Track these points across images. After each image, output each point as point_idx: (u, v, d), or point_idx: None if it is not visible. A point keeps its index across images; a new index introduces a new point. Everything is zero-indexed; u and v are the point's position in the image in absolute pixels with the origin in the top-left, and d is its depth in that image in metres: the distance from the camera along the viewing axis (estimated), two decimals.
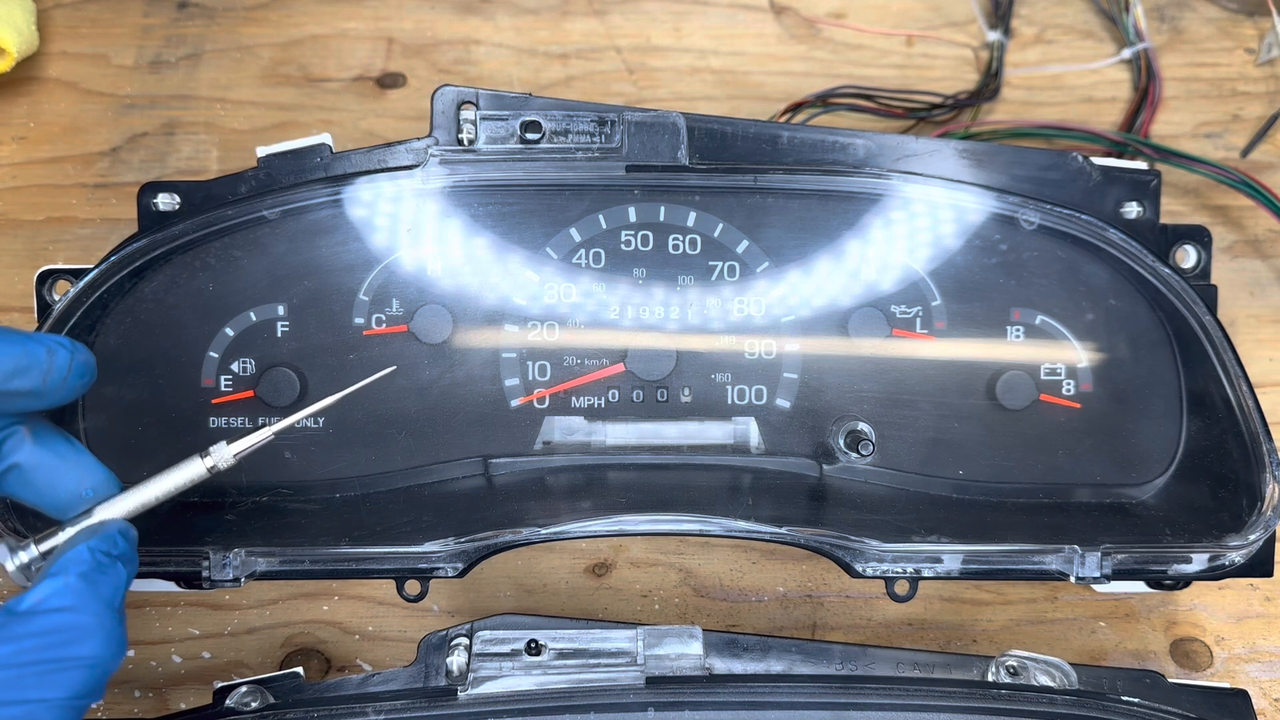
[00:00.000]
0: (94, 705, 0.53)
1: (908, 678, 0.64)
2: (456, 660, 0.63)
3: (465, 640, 0.64)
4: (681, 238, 0.75)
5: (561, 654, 0.63)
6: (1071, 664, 0.65)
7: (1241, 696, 0.66)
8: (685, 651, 0.64)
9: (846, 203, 0.74)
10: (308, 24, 0.92)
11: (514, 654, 0.63)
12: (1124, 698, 0.64)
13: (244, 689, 0.63)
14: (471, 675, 0.63)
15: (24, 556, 0.56)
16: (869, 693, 0.63)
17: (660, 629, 0.64)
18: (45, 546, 0.57)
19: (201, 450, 0.61)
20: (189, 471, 0.60)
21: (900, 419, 0.74)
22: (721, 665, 0.64)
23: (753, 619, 0.76)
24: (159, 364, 0.72)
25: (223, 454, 0.60)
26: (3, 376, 0.55)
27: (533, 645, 0.63)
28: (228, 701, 0.63)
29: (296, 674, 0.64)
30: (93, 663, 0.51)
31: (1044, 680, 0.65)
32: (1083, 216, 0.71)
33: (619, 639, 0.64)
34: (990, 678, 0.65)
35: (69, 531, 0.57)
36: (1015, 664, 0.65)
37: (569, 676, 0.63)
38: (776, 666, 0.64)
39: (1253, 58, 0.93)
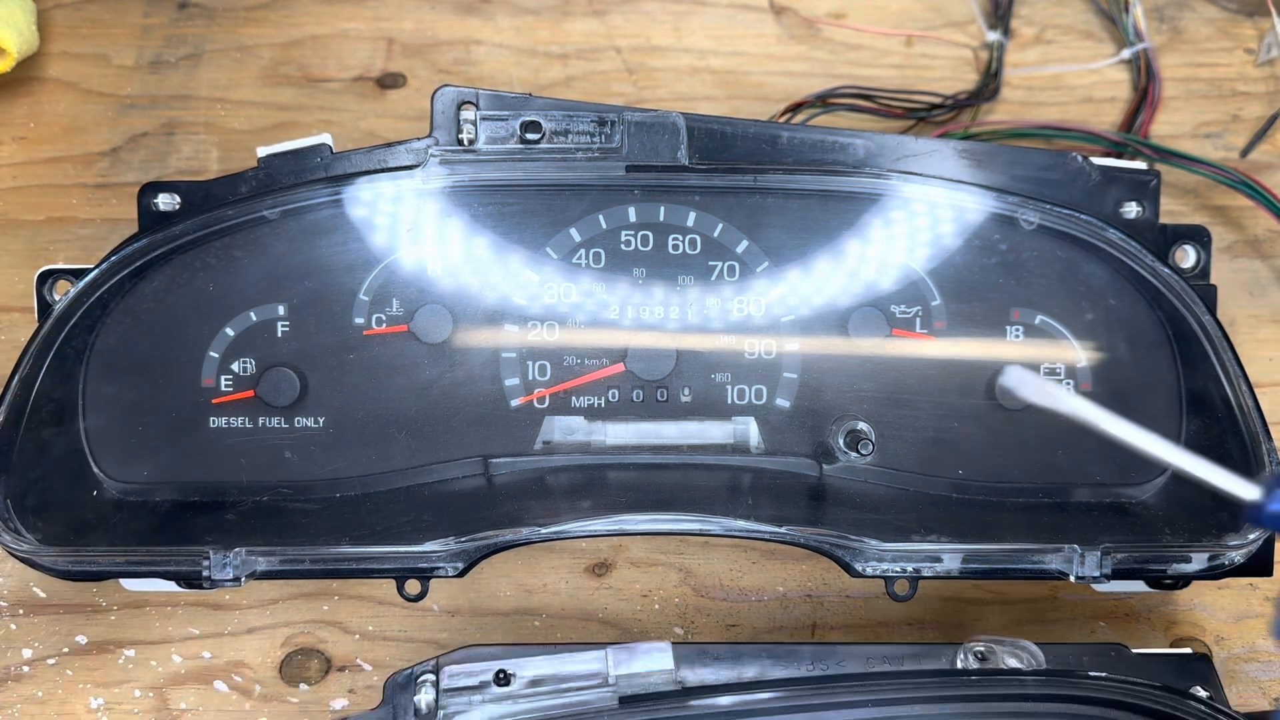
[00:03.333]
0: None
1: (878, 673, 0.64)
2: (425, 698, 0.61)
3: (432, 676, 0.62)
4: (681, 238, 0.75)
5: (531, 682, 0.62)
6: (1037, 643, 0.65)
7: (1204, 661, 0.66)
8: (655, 667, 0.62)
9: (846, 203, 0.74)
10: (308, 24, 0.92)
11: (482, 685, 0.61)
12: (1091, 673, 0.64)
13: None
14: (441, 712, 0.60)
15: None
16: (841, 691, 0.62)
17: (628, 646, 0.63)
18: None
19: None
20: None
21: (900, 419, 0.74)
22: (693, 676, 0.63)
23: (753, 619, 0.76)
24: (159, 364, 0.72)
25: None
26: None
27: (501, 675, 0.61)
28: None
29: None
30: None
31: (1011, 663, 0.65)
32: (1082, 216, 0.71)
33: (587, 660, 0.62)
34: (959, 664, 0.65)
35: None
36: (983, 649, 0.65)
37: (541, 703, 0.61)
38: (749, 672, 0.64)
39: (1252, 58, 0.93)
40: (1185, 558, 0.67)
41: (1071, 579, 0.67)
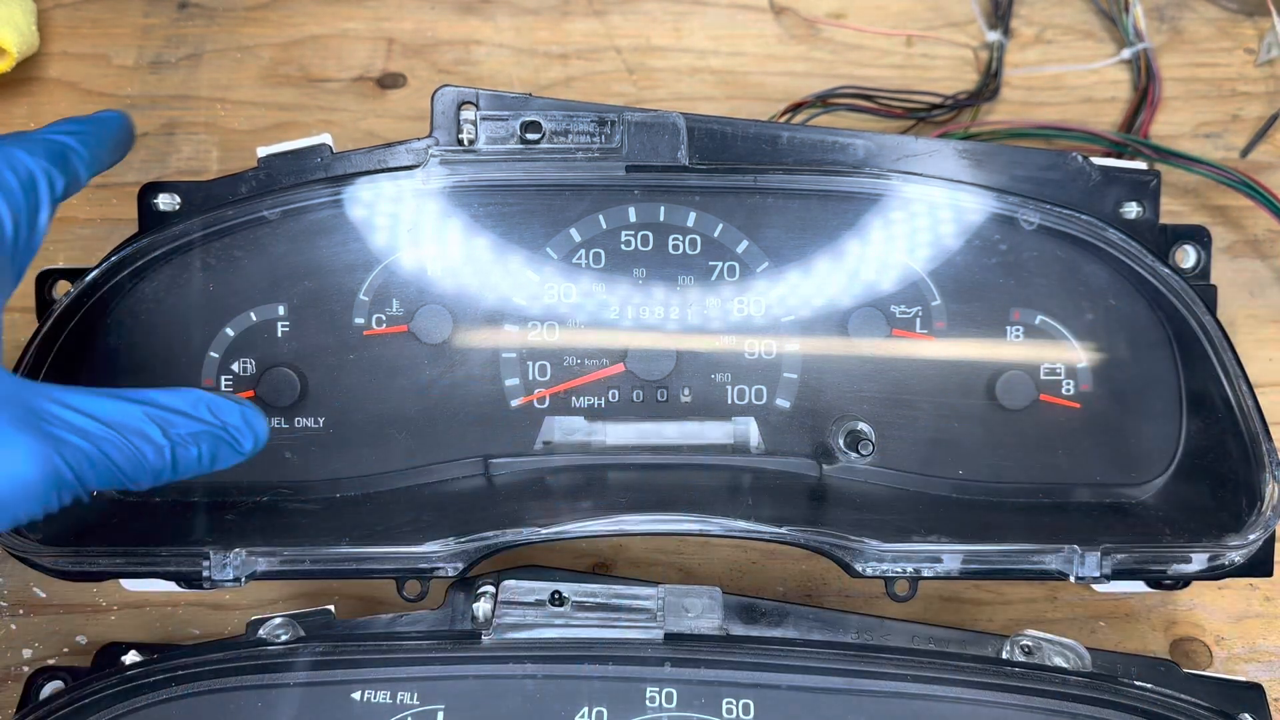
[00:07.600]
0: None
1: (922, 650, 0.65)
2: (483, 607, 0.65)
3: (491, 589, 0.66)
4: (681, 238, 0.75)
5: (584, 607, 0.65)
6: (1087, 648, 0.65)
7: (1256, 690, 0.66)
8: (704, 612, 0.65)
9: (846, 203, 0.74)
10: (308, 24, 0.92)
11: (538, 604, 0.65)
12: (1137, 683, 0.64)
13: (277, 621, 0.65)
14: (496, 621, 0.65)
15: None
16: (883, 663, 0.64)
17: (681, 588, 0.66)
18: None
19: None
20: None
21: (900, 419, 0.74)
22: (739, 628, 0.66)
23: None
24: (159, 364, 0.72)
25: None
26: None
27: (556, 596, 0.65)
28: (260, 632, 0.65)
29: (328, 610, 0.67)
30: None
31: (1058, 661, 0.65)
32: (1082, 216, 0.71)
33: (640, 596, 0.66)
34: (1005, 655, 0.65)
35: None
36: (1030, 643, 0.66)
37: (590, 629, 0.65)
38: (793, 633, 0.66)
39: (1252, 58, 0.93)
40: (1185, 558, 0.67)
41: (1071, 579, 0.67)
